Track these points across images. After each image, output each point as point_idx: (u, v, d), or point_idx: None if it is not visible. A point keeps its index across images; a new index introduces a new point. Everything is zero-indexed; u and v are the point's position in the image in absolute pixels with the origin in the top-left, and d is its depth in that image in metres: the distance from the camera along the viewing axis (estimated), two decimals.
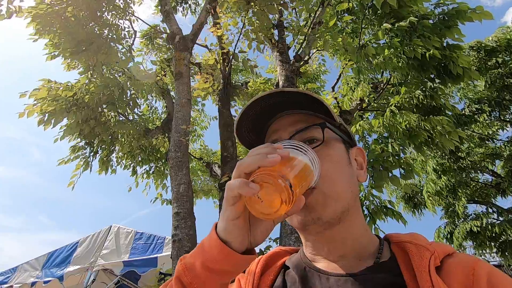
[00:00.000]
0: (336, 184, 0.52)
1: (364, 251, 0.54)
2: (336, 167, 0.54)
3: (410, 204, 10.37)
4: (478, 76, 3.41)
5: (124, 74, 4.79)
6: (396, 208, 3.84)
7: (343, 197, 0.52)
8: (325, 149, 0.54)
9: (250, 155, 0.44)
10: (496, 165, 9.27)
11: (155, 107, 6.06)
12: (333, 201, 0.51)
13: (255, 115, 0.59)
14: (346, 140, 0.60)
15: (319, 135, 0.55)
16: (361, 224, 0.57)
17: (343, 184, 0.53)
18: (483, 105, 7.96)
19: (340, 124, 0.59)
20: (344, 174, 0.55)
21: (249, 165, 0.42)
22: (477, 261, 0.46)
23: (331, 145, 0.56)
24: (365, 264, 0.51)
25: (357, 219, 0.56)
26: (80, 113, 4.03)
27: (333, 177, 0.52)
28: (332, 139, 0.57)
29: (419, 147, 3.83)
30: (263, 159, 0.41)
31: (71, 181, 4.38)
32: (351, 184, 0.55)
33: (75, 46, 4.09)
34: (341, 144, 0.58)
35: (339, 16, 4.18)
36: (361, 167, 0.61)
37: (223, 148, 3.89)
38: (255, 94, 6.23)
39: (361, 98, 4.23)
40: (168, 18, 4.45)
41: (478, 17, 3.01)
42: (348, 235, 0.54)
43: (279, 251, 0.64)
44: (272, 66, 7.15)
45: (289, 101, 0.57)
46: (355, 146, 0.62)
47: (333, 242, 0.54)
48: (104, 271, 4.71)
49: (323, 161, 0.52)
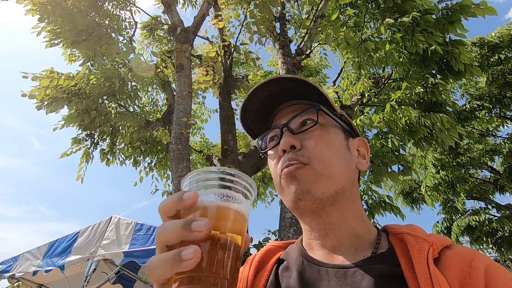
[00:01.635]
0: (328, 164, 0.53)
1: (361, 241, 0.54)
2: (330, 148, 0.55)
3: (409, 199, 10.44)
4: (479, 73, 3.40)
5: (125, 65, 4.77)
6: (395, 203, 3.88)
7: (336, 178, 0.53)
8: (320, 131, 0.56)
9: (170, 224, 0.36)
10: (496, 162, 9.31)
11: (156, 99, 6.06)
12: (325, 178, 0.52)
13: (258, 106, 0.61)
14: (346, 129, 0.61)
15: (314, 118, 0.56)
16: (358, 212, 0.57)
17: (337, 165, 0.54)
18: (484, 102, 7.95)
19: (341, 115, 0.61)
20: (339, 156, 0.55)
21: (170, 239, 0.36)
22: (475, 253, 0.46)
23: (327, 128, 0.57)
24: (363, 254, 0.51)
25: (354, 206, 0.56)
26: (81, 103, 4.04)
27: (325, 157, 0.53)
28: (329, 125, 0.58)
29: (419, 142, 3.85)
30: (188, 235, 0.34)
31: (78, 175, 4.44)
32: (347, 168, 0.56)
33: (75, 36, 4.07)
34: (340, 131, 0.59)
35: (342, 9, 4.14)
36: (364, 157, 0.61)
37: (223, 141, 3.90)
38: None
39: (361, 93, 4.23)
40: (170, 9, 4.42)
41: (482, 13, 2.99)
42: (343, 219, 0.54)
43: (271, 248, 0.63)
44: (273, 59, 7.11)
45: (290, 90, 0.59)
46: (358, 137, 0.63)
47: (329, 224, 0.54)
48: (105, 261, 4.75)
49: (317, 141, 0.54)
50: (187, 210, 0.37)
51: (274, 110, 0.63)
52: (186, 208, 0.37)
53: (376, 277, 0.46)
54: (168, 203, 0.37)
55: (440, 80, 3.74)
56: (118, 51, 4.43)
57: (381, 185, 3.71)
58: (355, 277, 0.48)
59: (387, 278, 0.46)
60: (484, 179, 9.37)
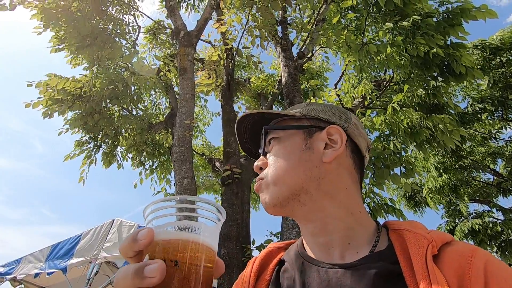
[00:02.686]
0: (274, 171, 0.57)
1: (354, 235, 0.54)
2: (280, 157, 0.58)
3: (411, 202, 10.40)
4: (481, 75, 3.41)
5: (128, 69, 4.83)
6: (397, 207, 3.86)
7: (286, 180, 0.56)
8: (277, 145, 0.61)
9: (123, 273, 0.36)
10: (498, 165, 9.26)
11: (159, 103, 6.11)
12: (273, 185, 0.57)
13: (249, 135, 0.70)
14: (310, 126, 0.60)
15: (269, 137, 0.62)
16: (343, 205, 0.55)
17: (286, 170, 0.57)
18: (486, 104, 7.94)
19: (303, 115, 0.61)
20: (291, 160, 0.57)
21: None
22: (475, 249, 0.45)
23: (282, 140, 0.61)
24: (362, 252, 0.51)
25: (331, 199, 0.55)
26: (84, 106, 4.08)
27: (275, 167, 0.58)
28: (285, 135, 0.61)
29: (421, 145, 3.84)
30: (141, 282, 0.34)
31: (80, 177, 4.46)
32: (304, 167, 0.56)
33: (80, 41, 4.13)
34: (298, 135, 0.60)
35: (343, 13, 4.18)
36: (332, 145, 0.58)
37: (226, 144, 3.92)
38: (258, 90, 6.27)
39: (363, 96, 4.24)
40: (173, 14, 4.47)
41: (483, 16, 3.01)
42: (323, 215, 0.55)
43: (272, 250, 0.64)
44: (275, 62, 7.15)
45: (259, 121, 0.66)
46: (329, 126, 0.59)
47: (311, 222, 0.56)
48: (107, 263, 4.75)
49: (272, 155, 0.60)
50: (146, 249, 0.37)
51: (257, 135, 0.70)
52: (142, 248, 0.36)
53: (375, 275, 0.46)
54: (124, 246, 0.37)
55: (442, 82, 3.75)
56: (121, 55, 4.48)
57: (383, 187, 3.70)
58: (354, 276, 0.48)
59: (385, 277, 0.46)
60: (487, 182, 9.32)
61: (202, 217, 0.39)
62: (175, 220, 0.38)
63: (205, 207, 0.40)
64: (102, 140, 4.81)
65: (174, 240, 0.37)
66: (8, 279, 4.83)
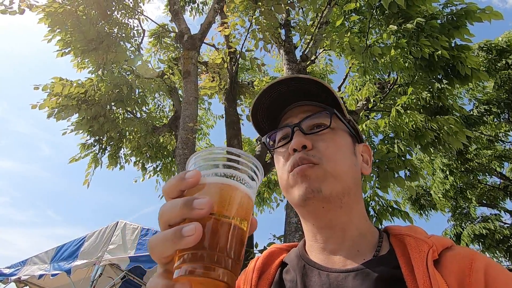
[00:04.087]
0: (337, 164, 0.55)
1: (364, 242, 0.54)
2: (339, 150, 0.57)
3: (416, 206, 10.28)
4: (486, 77, 3.38)
5: (133, 72, 4.87)
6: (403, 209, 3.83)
7: (343, 178, 0.54)
8: (331, 134, 0.58)
9: (172, 203, 0.35)
10: (505, 168, 9.13)
11: (163, 105, 6.15)
12: (333, 178, 0.53)
13: (270, 102, 0.62)
14: (353, 134, 0.63)
15: (326, 122, 0.58)
16: (361, 212, 0.58)
17: (344, 166, 0.55)
18: (492, 107, 7.85)
19: (350, 120, 0.63)
20: (347, 158, 0.57)
21: (171, 218, 0.34)
22: (475, 254, 0.46)
23: (337, 132, 0.59)
24: (364, 257, 0.52)
25: (357, 206, 0.57)
26: (90, 109, 4.12)
27: (334, 158, 0.55)
28: (339, 128, 0.60)
29: (426, 147, 3.81)
30: (189, 213, 0.33)
31: (85, 179, 4.50)
32: (353, 170, 0.57)
33: (85, 45, 4.18)
34: (348, 136, 0.61)
35: (346, 15, 4.18)
36: (367, 162, 0.63)
37: (229, 146, 3.93)
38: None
39: (367, 98, 4.22)
40: (177, 17, 4.50)
41: (488, 17, 2.99)
42: (348, 221, 0.55)
43: (274, 250, 0.64)
44: (279, 64, 7.16)
45: (302, 91, 0.60)
46: (362, 143, 0.65)
47: (332, 227, 0.55)
48: (111, 265, 4.77)
49: (328, 144, 0.56)
50: (191, 190, 0.36)
51: (285, 108, 0.64)
52: (189, 187, 0.36)
53: (376, 280, 0.46)
54: (171, 184, 0.36)
55: (446, 85, 3.72)
56: (126, 58, 4.53)
57: (388, 190, 3.67)
58: (355, 281, 0.48)
59: (387, 281, 0.46)
60: (494, 185, 9.19)
61: (246, 171, 0.39)
62: (222, 168, 0.38)
63: (249, 163, 0.39)
64: (107, 143, 4.85)
65: (221, 185, 0.37)
66: (13, 280, 4.87)
